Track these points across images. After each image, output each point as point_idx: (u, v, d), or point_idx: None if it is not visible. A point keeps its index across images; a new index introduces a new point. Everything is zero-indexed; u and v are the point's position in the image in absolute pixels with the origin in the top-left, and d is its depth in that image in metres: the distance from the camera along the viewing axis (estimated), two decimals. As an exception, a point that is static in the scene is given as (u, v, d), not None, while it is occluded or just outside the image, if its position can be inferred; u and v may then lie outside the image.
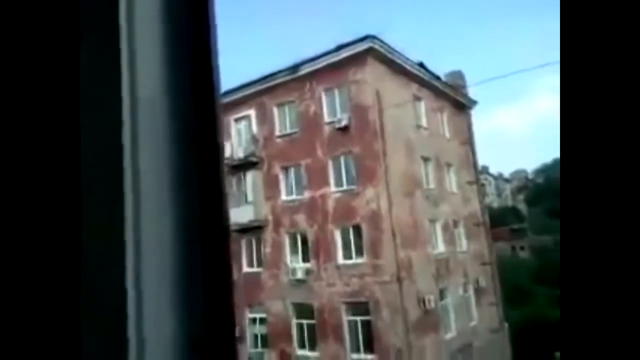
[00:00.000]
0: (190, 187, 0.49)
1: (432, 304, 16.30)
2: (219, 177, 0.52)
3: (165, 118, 0.49)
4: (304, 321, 17.02)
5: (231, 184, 19.29)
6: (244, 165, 18.85)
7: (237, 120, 19.99)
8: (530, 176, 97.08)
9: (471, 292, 20.16)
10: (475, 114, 28.13)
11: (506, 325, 22.66)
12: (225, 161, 19.82)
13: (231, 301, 0.49)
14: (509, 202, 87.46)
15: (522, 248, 56.49)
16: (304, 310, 17.03)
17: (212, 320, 0.46)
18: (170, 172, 0.48)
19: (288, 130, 18.44)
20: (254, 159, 18.78)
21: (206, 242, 0.48)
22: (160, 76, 0.50)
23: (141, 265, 0.44)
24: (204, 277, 0.46)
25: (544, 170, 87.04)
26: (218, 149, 0.54)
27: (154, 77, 0.50)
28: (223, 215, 0.51)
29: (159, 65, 0.50)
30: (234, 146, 19.43)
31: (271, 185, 18.50)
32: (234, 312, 0.50)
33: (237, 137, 19.86)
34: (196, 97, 0.52)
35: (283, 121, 18.70)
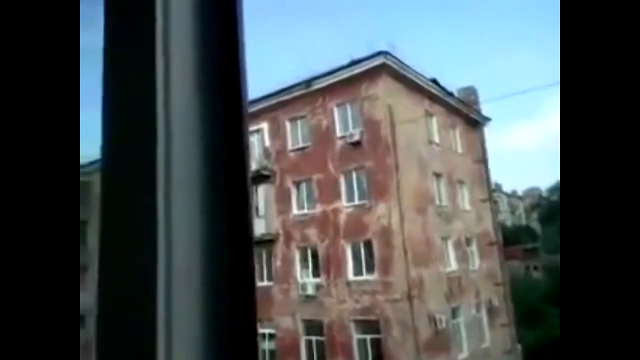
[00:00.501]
0: (219, 194, 0.49)
1: (444, 324, 16.00)
2: (245, 184, 0.53)
3: (196, 122, 0.50)
4: (313, 338, 16.82)
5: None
6: (256, 179, 18.92)
7: (249, 133, 20.13)
8: (544, 194, 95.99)
9: (483, 312, 19.77)
10: (489, 130, 28.04)
11: (519, 346, 22.13)
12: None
13: (254, 308, 0.51)
14: (523, 221, 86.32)
15: (535, 268, 55.43)
16: (313, 327, 16.85)
17: (237, 325, 0.47)
18: (200, 179, 0.49)
19: (300, 145, 18.52)
20: (266, 173, 18.86)
21: (233, 249, 0.49)
22: (193, 75, 0.50)
23: (172, 269, 0.45)
24: (230, 283, 0.48)
25: (558, 188, 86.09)
26: (244, 155, 0.54)
27: (188, 77, 0.50)
28: (248, 223, 0.52)
29: (191, 64, 0.50)
30: (246, 159, 19.55)
31: (283, 199, 18.52)
32: (256, 318, 0.52)
33: (250, 150, 19.97)
34: (226, 100, 0.52)
35: (295, 135, 18.80)
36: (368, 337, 15.59)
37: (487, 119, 24.02)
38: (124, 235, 0.47)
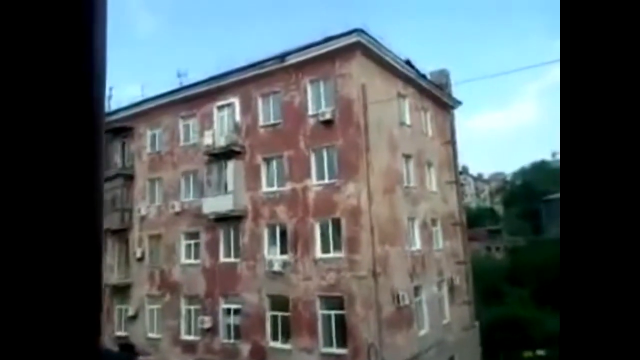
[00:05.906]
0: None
1: (407, 301, 16.48)
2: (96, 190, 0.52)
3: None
4: (279, 313, 17.02)
5: (212, 172, 19.09)
6: (226, 154, 18.65)
7: (220, 107, 19.74)
8: (508, 178, 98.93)
9: (445, 290, 20.46)
10: (459, 114, 28.52)
11: (477, 323, 23.12)
12: (206, 149, 19.57)
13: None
14: (487, 204, 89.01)
15: (497, 249, 57.61)
16: (279, 302, 17.02)
17: None
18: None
19: (272, 121, 18.29)
20: (236, 148, 18.59)
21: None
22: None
23: None
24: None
25: (522, 173, 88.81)
26: (98, 150, 0.54)
27: None
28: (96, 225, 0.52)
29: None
30: (216, 134, 19.19)
31: (252, 176, 18.36)
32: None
33: (220, 125, 19.62)
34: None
35: (267, 111, 18.54)
36: (332, 312, 15.90)
37: (458, 102, 24.36)
38: None
